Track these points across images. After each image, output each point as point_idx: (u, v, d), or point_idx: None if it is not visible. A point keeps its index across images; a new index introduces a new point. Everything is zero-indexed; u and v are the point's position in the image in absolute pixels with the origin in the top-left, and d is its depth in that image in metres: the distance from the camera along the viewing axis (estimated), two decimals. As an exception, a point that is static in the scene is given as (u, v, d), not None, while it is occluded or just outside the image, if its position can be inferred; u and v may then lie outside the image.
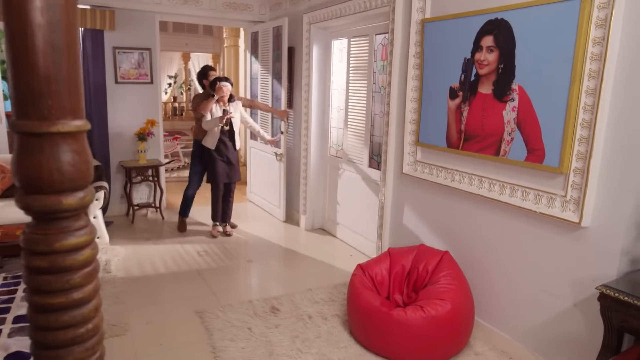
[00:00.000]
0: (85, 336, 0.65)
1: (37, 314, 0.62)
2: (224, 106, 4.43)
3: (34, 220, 0.61)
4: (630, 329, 1.93)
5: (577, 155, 2.26)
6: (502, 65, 2.57)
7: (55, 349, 0.63)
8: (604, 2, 2.07)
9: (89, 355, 0.65)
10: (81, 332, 0.64)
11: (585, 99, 2.19)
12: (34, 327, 0.63)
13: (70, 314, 0.63)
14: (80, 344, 0.64)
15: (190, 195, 4.76)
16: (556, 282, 2.46)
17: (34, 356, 0.64)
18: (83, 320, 0.64)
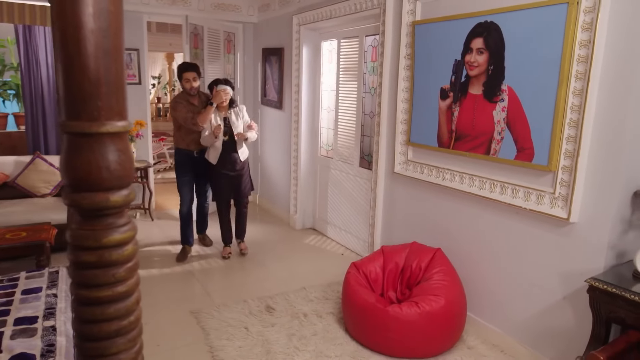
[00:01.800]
0: (128, 328, 0.67)
1: (84, 306, 0.64)
2: (225, 113, 3.89)
3: (80, 217, 0.64)
4: (618, 319, 2.01)
5: (565, 154, 2.34)
6: (491, 67, 2.65)
7: (100, 341, 0.65)
8: (590, 7, 2.15)
9: (131, 346, 0.68)
10: (124, 324, 0.67)
11: (572, 100, 2.28)
12: (79, 319, 0.65)
13: (115, 307, 0.65)
14: (124, 335, 0.67)
15: (185, 213, 4.09)
16: (545, 276, 2.54)
17: (78, 348, 0.67)
18: (126, 313, 0.67)
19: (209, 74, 5.28)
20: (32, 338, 1.76)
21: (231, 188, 4.00)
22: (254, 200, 6.01)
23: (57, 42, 0.58)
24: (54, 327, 1.86)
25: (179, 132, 3.95)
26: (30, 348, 1.69)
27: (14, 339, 1.74)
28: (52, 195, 4.37)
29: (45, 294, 2.14)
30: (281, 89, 5.04)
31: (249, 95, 5.80)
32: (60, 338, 1.78)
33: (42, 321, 1.89)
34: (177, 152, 4.05)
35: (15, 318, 1.90)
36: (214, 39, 5.21)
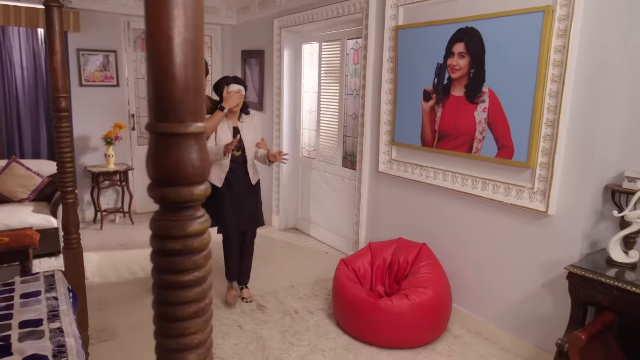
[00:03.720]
0: (205, 309, 0.74)
1: (167, 290, 0.71)
2: (235, 122, 3.15)
3: (162, 209, 0.70)
4: (594, 302, 2.19)
5: (543, 151, 2.52)
6: (473, 70, 2.80)
7: (182, 321, 0.72)
8: (564, 15, 2.33)
9: (205, 327, 0.75)
10: (202, 306, 0.73)
11: (548, 101, 2.45)
12: (161, 302, 0.71)
13: (195, 290, 0.72)
14: (201, 316, 0.74)
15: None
16: (525, 266, 2.71)
17: (160, 329, 0.73)
18: (203, 296, 0.73)
19: None
20: (40, 340, 1.77)
21: (237, 215, 3.20)
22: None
23: (150, 53, 0.65)
24: (61, 329, 1.87)
25: None
26: (41, 349, 1.70)
27: (22, 341, 1.75)
28: (29, 200, 4.27)
29: (45, 297, 2.14)
30: (262, 91, 5.10)
31: (228, 97, 5.81)
32: (69, 339, 1.80)
33: (48, 323, 1.90)
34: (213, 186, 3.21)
35: (20, 321, 1.90)
36: None
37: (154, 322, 0.76)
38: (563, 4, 2.32)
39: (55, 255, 4.05)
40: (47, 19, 2.18)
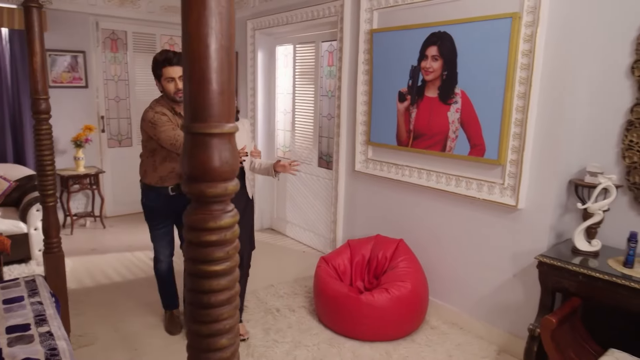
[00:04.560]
0: (234, 297, 0.80)
1: (203, 280, 0.76)
2: None
3: (197, 204, 0.75)
4: (562, 288, 2.35)
5: (512, 149, 2.68)
6: (445, 72, 2.94)
7: (214, 308, 0.77)
8: (530, 21, 2.49)
9: (234, 313, 0.80)
10: (232, 293, 0.79)
11: (517, 102, 2.61)
12: (197, 291, 0.76)
13: (227, 279, 0.77)
14: (231, 303, 0.79)
15: (164, 271, 3.02)
16: (498, 257, 2.87)
17: (191, 316, 0.78)
18: (233, 284, 0.79)
19: (140, 79, 5.24)
20: (31, 344, 1.75)
21: None
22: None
23: (189, 58, 0.70)
24: (50, 333, 1.85)
25: (150, 160, 2.74)
26: (33, 353, 1.69)
27: (12, 346, 1.73)
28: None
29: (29, 302, 2.10)
30: (235, 93, 5.10)
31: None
32: (60, 342, 1.79)
33: (36, 328, 1.87)
34: (146, 193, 2.83)
35: (7, 327, 1.87)
36: (145, 42, 5.18)
37: (185, 309, 0.81)
38: (529, 11, 2.48)
39: (25, 262, 3.93)
40: (26, 20, 2.15)
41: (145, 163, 2.80)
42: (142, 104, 5.32)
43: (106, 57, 5.07)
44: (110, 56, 5.10)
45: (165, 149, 2.63)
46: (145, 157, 2.80)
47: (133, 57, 5.21)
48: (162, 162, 2.73)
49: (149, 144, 2.72)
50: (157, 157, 2.73)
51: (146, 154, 2.78)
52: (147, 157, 2.77)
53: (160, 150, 2.68)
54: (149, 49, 5.24)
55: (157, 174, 2.75)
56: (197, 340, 0.78)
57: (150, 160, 2.76)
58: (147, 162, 2.78)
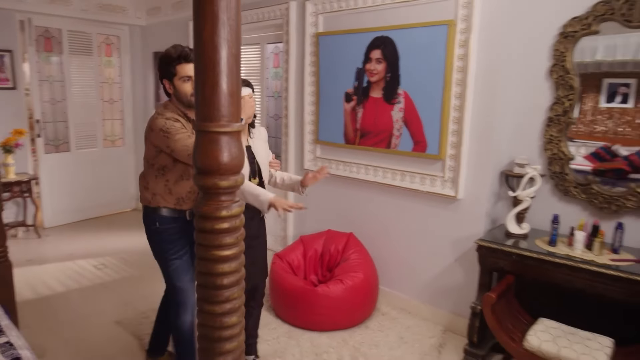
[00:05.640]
0: (241, 280, 0.88)
1: (215, 264, 0.83)
2: (245, 139, 2.38)
3: (207, 195, 0.83)
4: (498, 268, 2.63)
5: (451, 145, 2.93)
6: (389, 74, 3.14)
7: (224, 289, 0.85)
8: (464, 28, 2.75)
9: (240, 294, 0.89)
10: (240, 275, 0.87)
11: (454, 101, 2.86)
12: (210, 274, 0.84)
13: (237, 262, 0.86)
14: (238, 285, 0.87)
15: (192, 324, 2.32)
16: (441, 244, 3.12)
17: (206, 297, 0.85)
18: (240, 268, 0.87)
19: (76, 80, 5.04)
20: (-9, 355, 1.70)
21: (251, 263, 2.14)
22: (151, 208, 5.85)
23: (203, 64, 0.78)
24: (10, 343, 1.80)
25: (161, 180, 2.21)
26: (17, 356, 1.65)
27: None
28: None
29: (-20, 314, 2.01)
30: (178, 94, 5.03)
31: (139, 99, 5.63)
32: (23, 352, 1.75)
33: (-6, 339, 1.81)
34: (159, 217, 2.24)
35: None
36: (81, 42, 5.00)
37: (198, 292, 0.88)
38: (463, 19, 2.74)
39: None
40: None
41: (154, 184, 2.21)
42: (79, 106, 5.10)
43: (40, 56, 4.79)
44: (44, 56, 4.82)
45: (179, 164, 2.16)
46: (152, 177, 2.22)
47: (69, 57, 4.97)
48: (177, 181, 2.20)
49: (158, 159, 2.17)
50: (169, 175, 2.19)
51: (153, 172, 2.21)
52: (156, 176, 2.21)
53: (173, 166, 2.17)
54: (85, 49, 5.03)
55: (173, 197, 2.21)
56: (210, 319, 0.87)
57: (161, 181, 2.20)
58: (157, 183, 2.21)
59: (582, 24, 2.51)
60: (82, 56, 5.00)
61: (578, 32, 2.53)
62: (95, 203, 5.41)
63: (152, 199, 2.23)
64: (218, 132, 0.80)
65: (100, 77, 5.29)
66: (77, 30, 4.98)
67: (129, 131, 5.66)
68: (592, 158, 2.66)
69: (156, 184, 2.21)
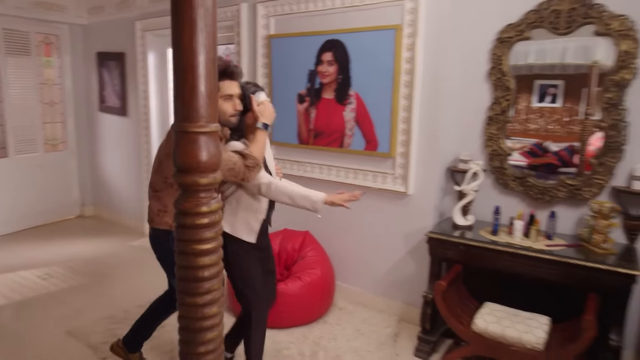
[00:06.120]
0: (220, 273, 0.92)
1: (196, 257, 0.87)
2: None
3: (187, 192, 0.87)
4: (447, 258, 2.80)
5: (401, 143, 3.08)
6: (340, 76, 3.25)
7: (204, 282, 0.89)
8: (410, 33, 2.91)
9: (219, 286, 0.93)
10: (219, 269, 0.92)
11: (403, 102, 3.02)
12: (191, 268, 0.88)
13: (215, 256, 0.90)
14: (217, 277, 0.92)
15: None
16: (393, 239, 3.26)
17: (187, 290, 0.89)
18: (219, 261, 0.92)
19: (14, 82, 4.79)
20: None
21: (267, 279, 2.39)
22: (89, 213, 5.65)
23: (183, 68, 0.82)
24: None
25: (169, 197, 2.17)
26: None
27: None
28: None
29: None
30: (124, 95, 4.89)
31: (82, 102, 5.41)
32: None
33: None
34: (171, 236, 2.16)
35: None
36: (18, 41, 4.76)
37: (179, 285, 0.92)
38: (409, 24, 2.89)
39: None
40: None
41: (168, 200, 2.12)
42: (17, 109, 4.84)
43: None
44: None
45: None
46: (171, 198, 2.09)
47: (5, 58, 4.68)
48: None
49: None
50: None
51: (173, 193, 2.06)
52: (174, 192, 2.06)
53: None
54: (23, 49, 4.77)
55: None
56: (192, 311, 0.91)
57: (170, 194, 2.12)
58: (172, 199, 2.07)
59: (516, 31, 2.73)
60: (19, 56, 4.74)
61: (513, 38, 2.75)
62: (37, 210, 5.13)
63: (164, 215, 2.13)
64: (197, 132, 0.85)
65: (39, 78, 5.03)
66: (13, 29, 4.71)
67: (72, 134, 5.42)
68: (526, 154, 2.90)
69: (171, 199, 2.05)
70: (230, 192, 2.16)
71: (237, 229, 2.17)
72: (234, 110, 2.06)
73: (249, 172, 1.98)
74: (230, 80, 2.04)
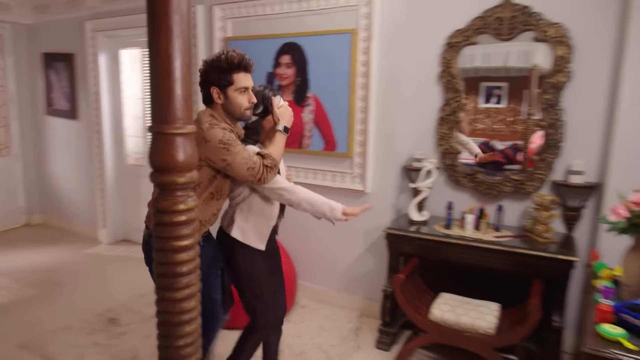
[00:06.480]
0: (195, 268, 0.96)
1: (174, 253, 0.90)
2: None
3: (164, 191, 0.90)
4: (404, 252, 2.93)
5: (358, 143, 3.19)
6: (299, 79, 3.32)
7: (182, 277, 0.92)
8: (365, 37, 3.02)
9: (196, 282, 0.97)
10: (195, 264, 0.95)
11: (359, 103, 3.12)
12: (169, 264, 0.91)
13: (192, 252, 0.94)
14: (194, 272, 0.95)
15: None
16: (353, 236, 3.36)
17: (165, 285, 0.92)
18: (196, 257, 0.96)
19: None
20: None
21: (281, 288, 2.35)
22: (36, 221, 5.40)
23: (160, 73, 0.85)
24: None
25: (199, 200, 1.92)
26: None
27: None
28: None
29: None
30: (74, 98, 4.73)
31: (26, 104, 5.16)
32: None
33: None
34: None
35: None
36: None
37: (158, 281, 0.96)
38: (364, 29, 3.00)
39: None
40: None
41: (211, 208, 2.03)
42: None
43: None
44: None
45: (216, 181, 1.96)
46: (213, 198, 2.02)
47: None
48: (207, 200, 1.98)
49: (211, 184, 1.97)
50: (199, 194, 1.94)
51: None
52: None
53: (208, 184, 1.95)
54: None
55: None
56: (171, 305, 0.94)
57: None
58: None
59: (464, 36, 2.91)
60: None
61: (461, 43, 2.92)
62: (-22, 220, 4.86)
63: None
64: (174, 134, 0.89)
65: (-22, 79, 4.76)
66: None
67: (16, 139, 5.16)
68: (476, 151, 3.08)
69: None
70: (242, 198, 2.09)
71: (247, 235, 2.10)
72: (249, 102, 1.99)
73: (266, 172, 1.91)
74: (245, 72, 1.99)
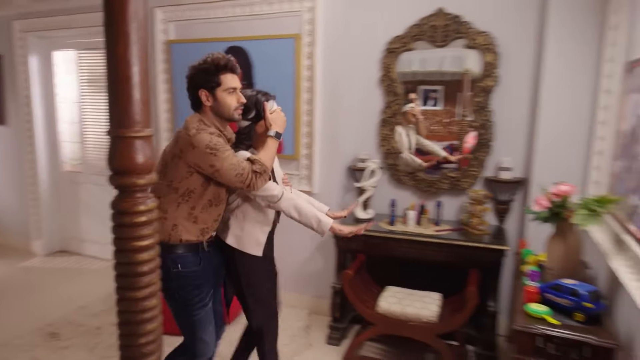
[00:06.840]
0: (156, 267, 0.98)
1: (135, 253, 0.92)
2: None
3: (124, 193, 0.92)
4: (351, 249, 3.04)
5: (305, 145, 3.27)
6: (244, 82, 3.34)
7: (143, 276, 0.94)
8: (309, 42, 3.11)
9: (157, 280, 0.99)
10: (156, 264, 0.97)
11: (305, 106, 3.21)
12: (130, 264, 0.93)
13: (151, 252, 0.96)
14: (155, 272, 0.97)
15: None
16: (302, 237, 3.40)
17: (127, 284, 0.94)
18: (156, 256, 0.98)
19: None
20: None
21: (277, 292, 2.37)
22: (-30, 235, 5.01)
23: (118, 78, 0.88)
24: None
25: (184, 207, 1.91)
26: None
27: None
28: None
29: None
30: (2, 102, 4.44)
31: (-55, 109, 4.77)
32: None
33: None
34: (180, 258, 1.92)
35: None
36: None
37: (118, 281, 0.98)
38: (307, 34, 3.09)
39: None
40: None
41: (175, 212, 1.90)
42: None
43: None
44: None
45: (211, 188, 1.90)
46: (173, 204, 1.89)
47: None
48: (206, 207, 1.92)
49: (188, 182, 1.87)
50: (196, 201, 1.90)
51: (176, 198, 1.89)
52: (179, 203, 1.89)
53: (203, 191, 1.89)
54: None
55: (198, 227, 1.93)
56: (132, 305, 0.97)
57: (185, 208, 1.90)
58: (179, 211, 1.90)
59: (402, 42, 3.07)
60: None
61: (399, 48, 3.09)
62: None
63: (172, 232, 1.89)
64: (133, 137, 0.91)
65: None
66: None
67: None
68: (416, 153, 3.25)
69: (179, 212, 1.89)
70: (236, 205, 2.07)
71: (243, 242, 2.09)
72: (238, 102, 1.99)
73: (256, 178, 1.86)
74: (232, 73, 2.01)
